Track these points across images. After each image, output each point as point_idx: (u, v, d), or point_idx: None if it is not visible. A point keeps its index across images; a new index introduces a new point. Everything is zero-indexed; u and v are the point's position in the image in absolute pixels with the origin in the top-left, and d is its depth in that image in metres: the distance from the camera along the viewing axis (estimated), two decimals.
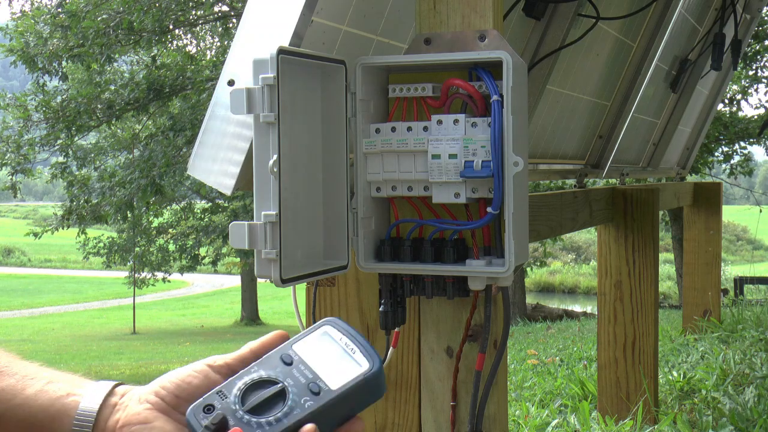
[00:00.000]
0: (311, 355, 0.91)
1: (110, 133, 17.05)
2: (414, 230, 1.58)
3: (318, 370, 0.89)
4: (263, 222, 1.37)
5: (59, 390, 0.91)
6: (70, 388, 0.92)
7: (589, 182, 4.05)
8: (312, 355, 0.91)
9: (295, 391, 0.88)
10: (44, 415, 0.89)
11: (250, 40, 1.59)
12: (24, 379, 0.92)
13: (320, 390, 0.87)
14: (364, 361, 0.90)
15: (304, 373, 0.89)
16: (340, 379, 0.88)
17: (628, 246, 3.60)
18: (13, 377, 0.93)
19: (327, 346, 0.92)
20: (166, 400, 0.89)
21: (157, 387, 0.90)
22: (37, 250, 40.10)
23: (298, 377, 0.89)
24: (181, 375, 0.90)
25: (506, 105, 1.45)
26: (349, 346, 0.91)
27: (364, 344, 0.91)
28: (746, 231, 35.82)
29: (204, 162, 1.63)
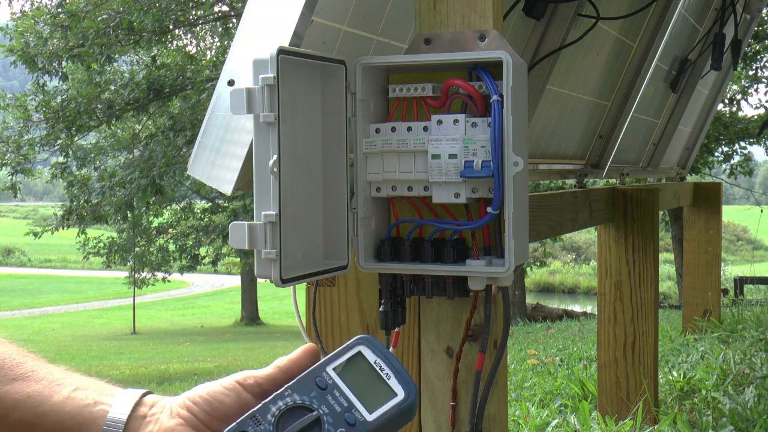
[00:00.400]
0: (345, 379, 0.89)
1: (110, 133, 17.05)
2: (414, 230, 1.58)
3: (353, 397, 0.88)
4: (263, 222, 1.37)
5: (87, 397, 0.90)
6: (98, 396, 0.90)
7: (589, 182, 4.05)
8: (346, 380, 0.89)
9: (330, 422, 0.86)
10: (72, 424, 0.88)
11: (250, 40, 1.59)
12: (51, 385, 0.91)
13: (356, 421, 0.86)
14: (400, 389, 0.88)
15: (339, 401, 0.87)
16: (376, 408, 0.87)
17: (628, 246, 3.60)
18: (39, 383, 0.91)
19: (361, 370, 0.89)
20: (199, 417, 0.87)
21: (189, 402, 0.88)
22: (37, 250, 40.10)
23: (333, 405, 0.87)
24: (212, 391, 0.89)
25: (506, 105, 1.45)
26: (384, 370, 0.89)
27: (399, 369, 0.89)
28: (746, 231, 35.82)
29: (204, 162, 1.63)
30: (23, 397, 0.90)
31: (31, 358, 0.95)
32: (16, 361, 0.93)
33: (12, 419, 0.87)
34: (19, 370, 0.92)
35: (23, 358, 0.94)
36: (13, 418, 0.88)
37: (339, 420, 0.86)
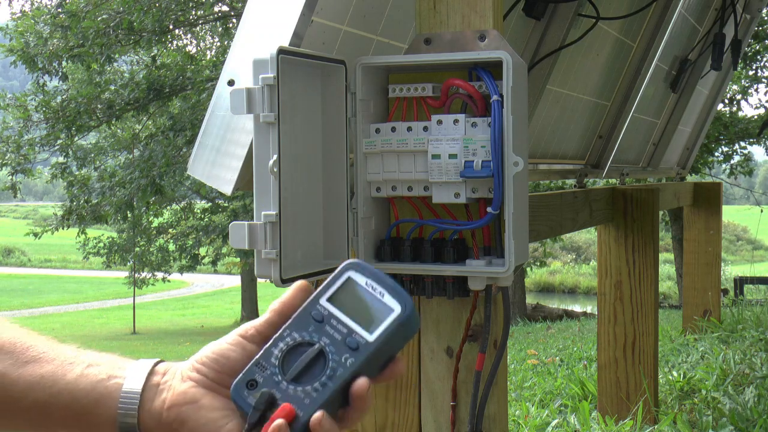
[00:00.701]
0: (340, 307, 0.89)
1: (110, 133, 17.05)
2: (414, 230, 1.58)
3: (350, 322, 0.88)
4: (263, 222, 1.37)
5: (100, 373, 0.91)
6: (111, 370, 0.91)
7: (589, 182, 4.05)
8: (341, 307, 0.89)
9: (333, 350, 0.86)
10: (87, 400, 0.89)
11: (250, 40, 1.59)
12: (63, 365, 0.92)
13: (358, 345, 0.86)
14: (395, 304, 0.88)
15: (338, 329, 0.88)
16: (375, 328, 0.87)
17: (628, 246, 3.60)
18: (51, 363, 0.93)
19: (354, 294, 0.90)
20: (209, 377, 0.89)
21: (198, 364, 0.90)
22: (37, 250, 40.09)
23: (332, 334, 0.87)
24: (218, 349, 0.90)
25: (506, 105, 1.45)
26: (376, 289, 0.89)
27: (391, 285, 0.89)
28: (746, 231, 35.81)
29: (204, 162, 1.63)
30: (37, 379, 0.91)
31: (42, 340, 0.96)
32: (27, 345, 0.94)
33: (27, 401, 0.88)
34: (31, 353, 0.93)
35: (34, 340, 0.95)
36: (28, 400, 0.89)
37: (341, 347, 0.86)
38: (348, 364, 0.86)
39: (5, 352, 0.93)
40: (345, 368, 0.85)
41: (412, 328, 0.88)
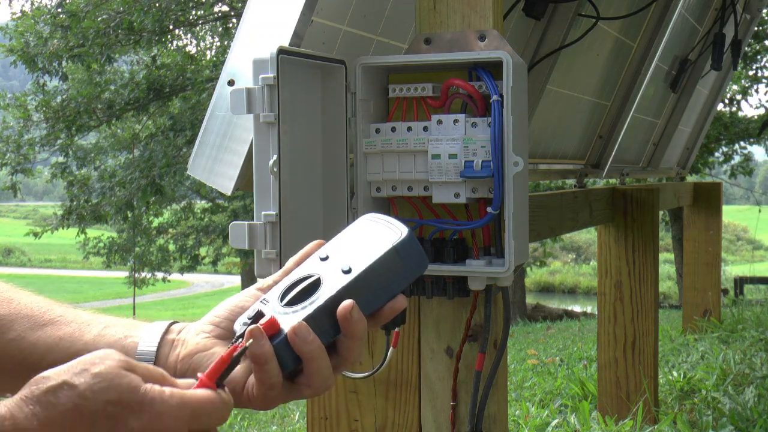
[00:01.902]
0: (346, 246, 0.91)
1: (110, 133, 17.04)
2: (414, 230, 1.58)
3: (351, 254, 0.89)
4: (263, 222, 1.38)
5: (117, 333, 0.93)
6: (127, 331, 0.93)
7: (589, 182, 4.05)
8: (347, 246, 0.91)
9: (328, 277, 0.88)
10: None
11: (250, 40, 1.59)
12: (81, 326, 0.94)
13: (350, 268, 0.87)
14: (392, 233, 0.89)
15: (338, 261, 0.89)
16: (371, 254, 0.88)
17: (628, 246, 3.60)
18: (69, 326, 0.94)
19: (360, 235, 0.92)
20: (222, 326, 0.91)
21: (212, 317, 0.92)
22: (37, 250, 40.08)
23: (331, 265, 0.89)
24: (233, 302, 0.93)
25: (506, 105, 1.45)
26: (380, 226, 0.91)
27: (393, 221, 0.90)
28: (746, 231, 35.81)
29: (204, 162, 1.63)
30: (55, 340, 0.92)
31: (57, 305, 0.98)
32: (44, 309, 0.96)
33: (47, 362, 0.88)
34: (48, 316, 0.95)
35: (51, 305, 0.97)
36: (47, 361, 0.89)
37: (336, 273, 0.88)
38: (338, 284, 0.86)
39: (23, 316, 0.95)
40: (333, 288, 0.86)
41: (412, 257, 0.88)
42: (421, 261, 0.90)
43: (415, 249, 0.89)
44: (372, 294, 0.87)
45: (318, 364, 0.85)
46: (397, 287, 0.89)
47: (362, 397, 1.78)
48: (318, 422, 1.81)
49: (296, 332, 0.83)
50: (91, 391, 0.74)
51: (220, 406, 0.80)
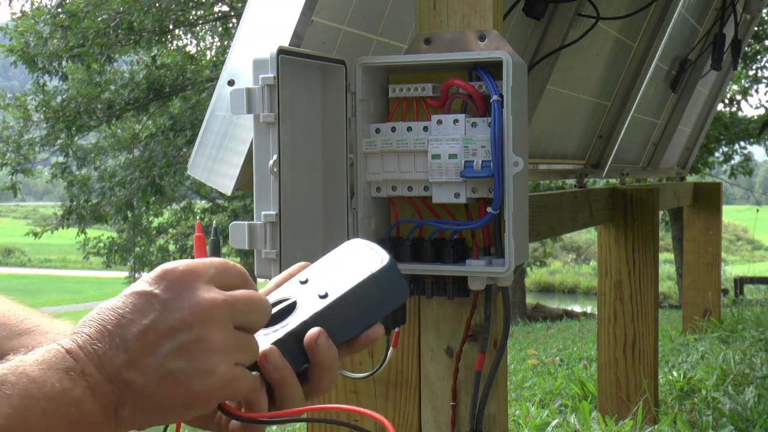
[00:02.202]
0: (326, 270, 0.89)
1: (110, 133, 17.04)
2: (414, 230, 1.58)
3: (330, 280, 0.87)
4: (263, 222, 1.38)
5: None
6: None
7: (589, 182, 4.05)
8: (327, 271, 0.89)
9: (304, 300, 0.86)
10: None
11: (250, 40, 1.59)
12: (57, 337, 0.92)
13: (327, 294, 0.85)
14: (373, 261, 0.87)
15: (316, 285, 0.87)
16: (349, 281, 0.86)
17: (628, 246, 3.60)
18: (44, 336, 0.94)
19: (342, 260, 0.90)
20: None
21: None
22: (37, 250, 40.07)
23: (309, 289, 0.87)
24: None
25: (506, 105, 1.45)
26: (362, 253, 0.89)
27: (377, 249, 0.88)
28: (746, 231, 35.80)
29: (204, 162, 1.63)
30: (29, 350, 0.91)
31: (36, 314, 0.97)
32: (21, 317, 0.96)
33: None
34: (24, 325, 0.95)
35: (28, 314, 0.97)
36: None
37: (312, 297, 0.86)
38: (311, 309, 0.84)
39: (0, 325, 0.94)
40: (306, 313, 0.84)
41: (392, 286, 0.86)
42: (402, 290, 0.87)
43: (395, 278, 0.86)
44: (346, 321, 0.85)
45: (289, 390, 0.83)
46: (375, 316, 0.86)
47: (362, 397, 1.78)
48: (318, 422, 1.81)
49: (267, 357, 0.82)
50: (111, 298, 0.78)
51: (231, 264, 0.82)
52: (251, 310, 0.80)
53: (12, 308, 0.98)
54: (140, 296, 0.76)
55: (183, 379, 0.75)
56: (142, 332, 0.75)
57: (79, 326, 0.76)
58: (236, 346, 0.78)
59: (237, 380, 0.78)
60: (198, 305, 0.76)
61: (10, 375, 0.69)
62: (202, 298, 0.77)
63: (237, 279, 0.82)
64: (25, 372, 0.70)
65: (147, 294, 0.76)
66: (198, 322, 0.76)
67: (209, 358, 0.76)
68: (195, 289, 0.77)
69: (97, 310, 0.77)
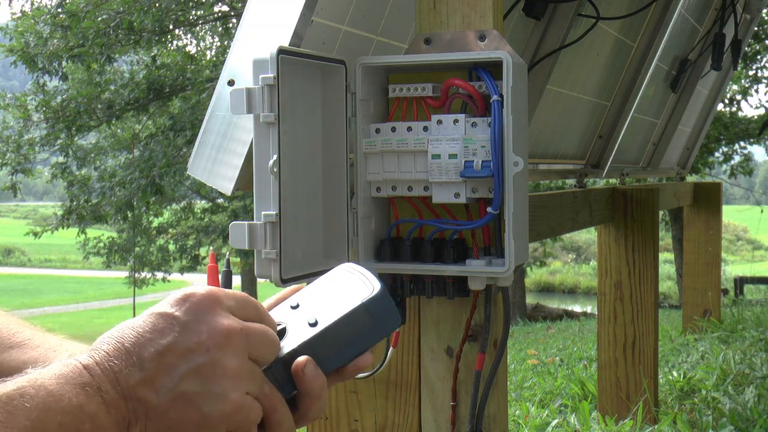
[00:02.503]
0: (318, 296, 0.89)
1: (110, 133, 17.04)
2: (414, 230, 1.58)
3: (321, 307, 0.87)
4: (263, 222, 1.37)
5: None
6: None
7: (589, 182, 4.05)
8: (318, 297, 0.89)
9: (294, 327, 0.86)
10: None
11: (250, 40, 1.59)
12: (47, 352, 0.94)
13: (317, 321, 0.85)
14: (365, 288, 0.87)
15: (306, 311, 0.87)
16: (340, 309, 0.86)
17: (628, 246, 3.60)
18: (35, 350, 0.94)
19: (334, 286, 0.90)
20: None
21: None
22: (37, 250, 40.07)
23: (300, 317, 0.87)
24: None
25: (506, 105, 1.45)
26: (354, 280, 0.89)
27: (369, 276, 0.88)
28: (746, 231, 35.81)
29: (204, 162, 1.63)
30: (19, 364, 0.92)
31: (28, 327, 0.98)
32: (13, 331, 0.96)
33: None
34: (16, 339, 0.95)
35: (20, 327, 0.97)
36: None
37: (302, 324, 0.86)
38: (300, 337, 0.85)
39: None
40: (296, 341, 0.84)
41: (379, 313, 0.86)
42: (393, 319, 0.87)
43: (387, 306, 0.86)
44: (336, 350, 0.85)
45: (278, 417, 0.83)
46: (365, 345, 0.86)
47: (362, 397, 1.78)
48: (318, 422, 1.81)
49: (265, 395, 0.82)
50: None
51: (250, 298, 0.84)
52: (264, 342, 0.81)
53: (4, 321, 0.98)
54: (161, 317, 0.78)
55: (196, 400, 0.76)
56: (160, 352, 0.76)
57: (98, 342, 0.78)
58: (248, 376, 0.79)
59: (247, 409, 0.79)
60: (216, 330, 0.77)
61: (30, 388, 0.70)
62: (220, 324, 0.78)
63: (254, 313, 0.83)
64: (44, 385, 0.71)
65: (167, 315, 0.78)
66: (215, 346, 0.77)
67: (223, 382, 0.77)
68: (214, 314, 0.78)
69: (117, 328, 0.78)
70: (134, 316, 0.80)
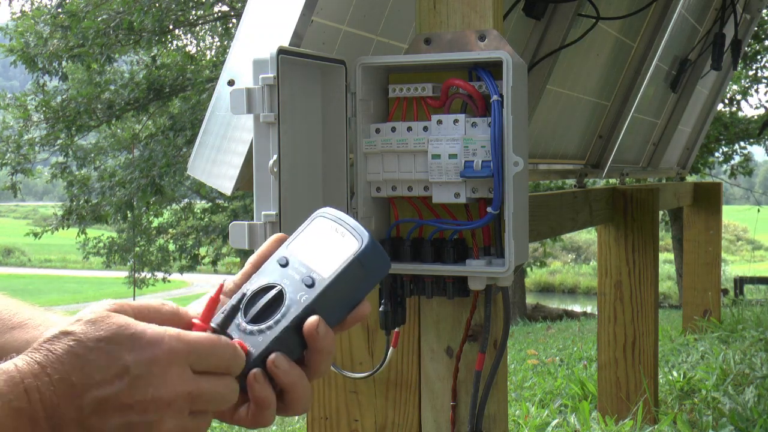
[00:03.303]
0: (305, 251, 0.90)
1: (110, 133, 17.04)
2: (414, 230, 1.58)
3: (311, 263, 0.88)
4: (263, 222, 1.38)
5: None
6: None
7: (589, 182, 4.05)
8: (306, 251, 0.90)
9: (291, 290, 0.87)
10: None
11: (250, 40, 1.59)
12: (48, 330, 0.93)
13: (314, 282, 0.86)
14: (353, 241, 0.88)
15: (299, 270, 0.88)
16: (333, 265, 0.87)
17: (628, 246, 3.60)
18: (37, 329, 0.95)
19: (319, 238, 0.90)
20: None
21: None
22: (37, 250, 40.07)
23: (293, 275, 0.88)
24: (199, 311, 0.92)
25: (506, 105, 1.45)
26: (339, 231, 0.90)
27: (353, 225, 0.89)
28: (746, 231, 35.80)
29: (204, 162, 1.63)
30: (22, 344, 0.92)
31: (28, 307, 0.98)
32: (12, 312, 0.96)
33: None
34: (16, 319, 0.95)
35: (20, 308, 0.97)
36: None
37: (298, 285, 0.87)
38: (302, 300, 0.86)
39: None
40: (299, 305, 0.85)
41: (375, 263, 0.88)
42: (384, 264, 0.89)
43: (377, 254, 0.88)
44: (336, 307, 0.87)
45: (300, 391, 0.85)
46: (360, 295, 0.88)
47: (362, 397, 1.78)
48: (318, 422, 1.81)
49: (276, 365, 0.83)
50: (83, 333, 0.77)
51: (221, 345, 0.82)
52: (212, 401, 0.82)
53: (4, 302, 0.98)
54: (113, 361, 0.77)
55: None
56: (101, 400, 0.76)
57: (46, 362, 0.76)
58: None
59: None
60: (160, 395, 0.78)
61: None
62: (166, 389, 0.78)
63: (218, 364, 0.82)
64: None
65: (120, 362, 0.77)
66: (154, 410, 0.78)
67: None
68: (165, 377, 0.78)
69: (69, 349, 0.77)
70: None
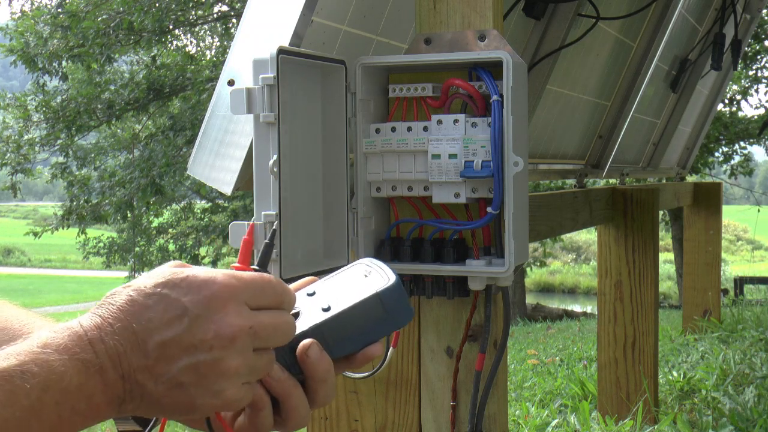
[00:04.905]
0: (334, 286, 0.90)
1: (110, 133, 17.03)
2: (414, 230, 1.58)
3: (335, 294, 0.88)
4: (263, 222, 1.37)
5: None
6: None
7: (589, 182, 4.05)
8: (334, 286, 0.90)
9: (306, 312, 0.87)
10: None
11: (250, 40, 1.59)
12: None
13: (329, 308, 0.86)
14: (380, 279, 0.88)
15: (321, 298, 0.88)
16: (354, 297, 0.87)
17: (628, 246, 3.60)
18: None
19: (350, 277, 0.91)
20: None
21: None
22: (37, 250, 40.06)
23: (315, 302, 0.88)
24: None
25: (506, 105, 1.45)
26: (369, 272, 0.90)
27: (384, 268, 0.89)
28: (746, 231, 35.80)
29: (204, 162, 1.63)
30: None
31: (38, 318, 0.99)
32: (24, 322, 0.97)
33: None
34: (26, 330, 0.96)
35: (30, 318, 0.99)
36: None
37: (315, 309, 0.87)
38: (311, 321, 0.86)
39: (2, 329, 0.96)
40: (306, 325, 0.85)
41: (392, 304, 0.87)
42: (406, 312, 0.88)
43: (400, 299, 0.87)
44: (347, 336, 0.86)
45: (293, 402, 0.85)
46: (376, 335, 0.88)
47: (362, 397, 1.78)
48: (318, 422, 1.81)
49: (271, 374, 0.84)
50: (141, 283, 0.80)
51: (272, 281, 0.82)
52: (274, 335, 0.82)
53: (14, 313, 0.99)
54: (172, 304, 0.78)
55: (191, 392, 0.78)
56: (165, 343, 0.77)
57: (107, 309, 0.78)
58: (249, 371, 0.80)
59: (239, 401, 0.80)
60: (223, 331, 0.78)
61: (33, 365, 0.72)
62: (228, 325, 0.78)
63: (272, 299, 0.82)
64: (47, 362, 0.72)
65: (179, 304, 0.78)
66: (218, 347, 0.78)
67: (220, 381, 0.78)
68: (224, 313, 0.78)
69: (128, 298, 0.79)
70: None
